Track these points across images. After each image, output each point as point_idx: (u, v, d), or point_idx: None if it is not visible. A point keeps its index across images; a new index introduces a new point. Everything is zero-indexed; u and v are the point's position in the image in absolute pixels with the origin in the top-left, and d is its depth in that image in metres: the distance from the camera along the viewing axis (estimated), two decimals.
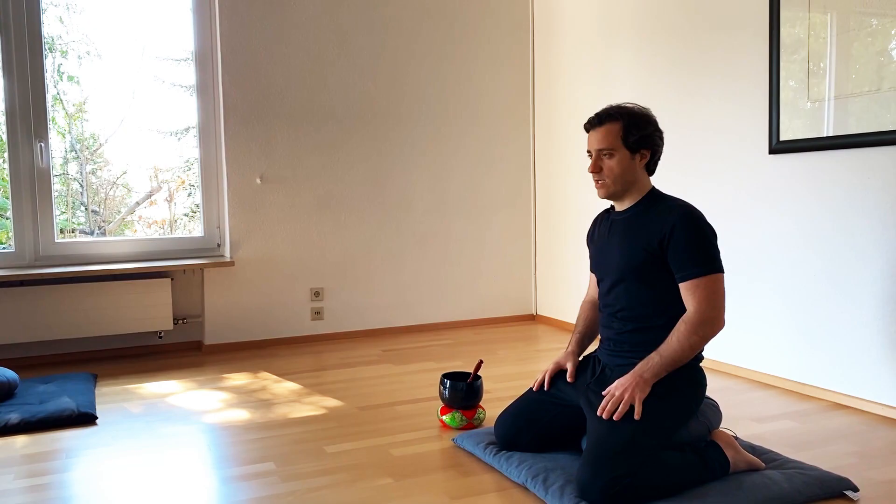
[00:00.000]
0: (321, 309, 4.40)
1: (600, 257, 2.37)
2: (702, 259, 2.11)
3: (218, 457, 2.46)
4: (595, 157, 2.24)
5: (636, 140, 2.20)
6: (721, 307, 2.11)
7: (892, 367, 2.75)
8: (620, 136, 2.20)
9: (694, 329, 2.09)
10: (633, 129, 2.20)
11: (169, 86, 4.34)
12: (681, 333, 2.10)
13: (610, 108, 2.25)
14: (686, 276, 2.12)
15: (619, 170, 2.21)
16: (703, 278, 2.10)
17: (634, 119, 2.21)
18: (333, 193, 4.41)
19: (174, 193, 4.54)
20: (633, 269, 2.21)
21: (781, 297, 3.18)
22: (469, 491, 2.13)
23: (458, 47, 4.67)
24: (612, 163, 2.21)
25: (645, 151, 2.23)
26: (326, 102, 4.36)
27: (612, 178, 2.22)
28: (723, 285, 2.12)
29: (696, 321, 2.09)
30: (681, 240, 2.12)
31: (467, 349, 4.08)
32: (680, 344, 2.10)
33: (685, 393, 2.15)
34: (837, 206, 2.93)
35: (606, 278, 2.33)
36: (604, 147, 2.21)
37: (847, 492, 2.05)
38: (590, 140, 2.26)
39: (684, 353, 2.10)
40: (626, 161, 2.21)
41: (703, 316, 2.09)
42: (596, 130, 2.24)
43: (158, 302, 3.98)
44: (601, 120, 2.23)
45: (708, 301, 2.09)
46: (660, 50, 3.79)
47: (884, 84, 2.73)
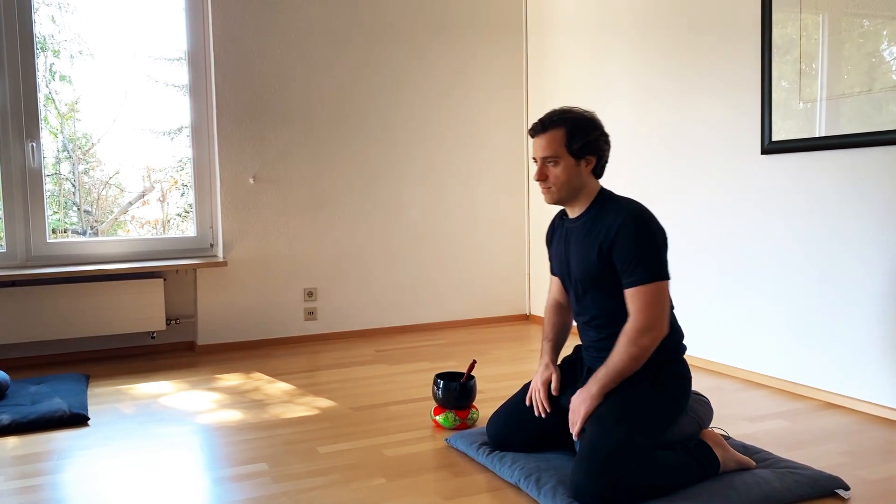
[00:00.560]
0: (314, 309, 4.40)
1: (562, 268, 2.34)
2: (643, 267, 2.07)
3: (210, 457, 2.45)
4: (540, 165, 2.20)
5: (580, 147, 2.16)
6: (659, 316, 2.07)
7: (884, 367, 2.76)
8: (564, 143, 2.16)
9: (632, 340, 2.07)
10: (577, 136, 2.15)
11: (162, 85, 4.33)
12: (621, 345, 2.08)
13: (553, 114, 2.20)
14: (628, 284, 2.09)
15: (564, 177, 2.17)
16: (644, 287, 2.06)
17: (578, 125, 2.17)
18: (327, 194, 4.40)
19: (167, 193, 4.52)
20: (593, 279, 2.18)
21: (773, 296, 3.19)
22: (462, 491, 2.13)
23: (452, 48, 4.67)
24: (557, 170, 2.17)
25: (590, 157, 2.19)
26: (320, 103, 4.36)
27: (558, 186, 2.19)
28: (665, 294, 2.08)
29: (633, 331, 2.07)
30: (623, 246, 2.08)
31: (461, 349, 4.08)
32: (621, 356, 2.08)
33: (672, 389, 2.15)
34: (829, 207, 2.94)
35: (571, 289, 2.31)
36: (548, 155, 2.17)
37: (838, 491, 2.06)
38: (534, 147, 2.22)
39: (627, 365, 2.08)
40: (571, 168, 2.17)
41: (639, 325, 2.06)
42: (540, 137, 2.20)
43: (151, 302, 3.97)
44: (544, 127, 2.19)
45: (645, 311, 2.06)
46: (653, 51, 3.80)
47: (875, 85, 2.74)
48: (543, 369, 2.36)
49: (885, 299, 2.75)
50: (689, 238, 3.61)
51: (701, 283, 3.56)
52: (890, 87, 2.69)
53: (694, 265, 3.59)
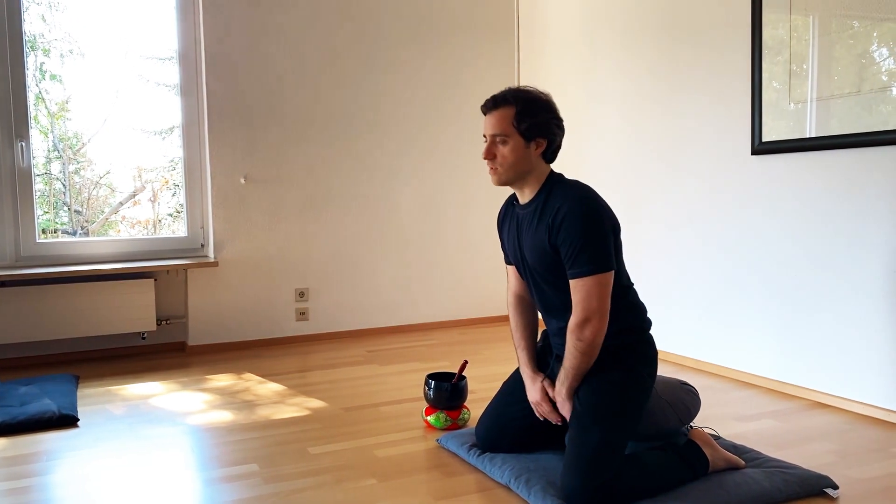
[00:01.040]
0: (306, 309, 4.39)
1: (515, 256, 2.28)
2: (584, 258, 2.01)
3: (201, 458, 2.45)
4: (489, 143, 2.13)
5: (528, 127, 2.08)
6: (598, 309, 2.01)
7: (873, 367, 2.78)
8: (513, 122, 2.09)
9: (575, 334, 2.05)
10: (527, 116, 2.08)
11: (153, 85, 4.32)
12: (569, 342, 2.07)
13: (507, 92, 2.13)
14: (571, 275, 2.04)
15: (512, 158, 2.10)
16: (585, 279, 2.02)
17: (529, 105, 2.10)
18: (318, 194, 4.40)
19: (158, 193, 4.51)
20: (546, 267, 2.13)
21: (764, 296, 3.21)
22: (453, 491, 2.13)
23: (444, 49, 4.67)
24: (505, 150, 2.10)
25: (541, 140, 2.12)
26: (311, 103, 4.35)
27: (505, 167, 2.12)
28: (606, 285, 2.02)
29: (574, 325, 2.04)
30: (567, 235, 2.03)
31: (452, 349, 4.08)
32: (571, 353, 2.06)
33: (640, 372, 2.13)
34: (820, 207, 2.96)
35: (527, 278, 2.26)
36: (496, 133, 2.10)
37: (827, 490, 2.07)
38: (485, 124, 2.15)
39: (580, 360, 2.05)
40: (520, 149, 2.10)
41: (578, 318, 2.03)
42: (491, 114, 2.13)
43: (141, 303, 3.95)
44: (496, 103, 2.12)
45: (583, 304, 2.02)
46: (644, 51, 3.80)
47: (864, 86, 2.75)
48: (531, 383, 2.27)
49: (874, 299, 2.76)
50: (679, 238, 3.62)
51: (691, 283, 3.57)
52: (879, 88, 2.71)
53: (684, 265, 3.60)
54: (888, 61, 2.69)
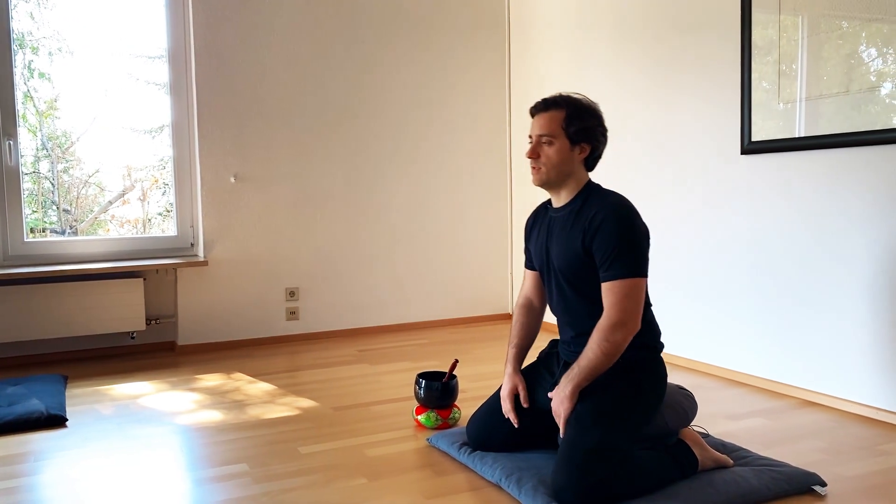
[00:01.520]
0: (296, 309, 4.38)
1: (541, 258, 2.32)
2: (621, 262, 2.06)
3: (190, 458, 2.44)
4: (535, 143, 2.20)
5: (577, 131, 2.15)
6: (633, 312, 2.05)
7: (861, 365, 2.79)
8: (562, 124, 2.16)
9: (605, 336, 2.05)
10: (576, 120, 2.16)
11: (142, 83, 4.29)
12: (594, 341, 2.07)
13: (557, 96, 2.21)
14: (606, 278, 2.08)
15: (556, 159, 2.16)
16: (621, 282, 2.05)
17: (579, 110, 2.17)
18: (309, 192, 4.39)
19: (147, 192, 4.49)
20: (575, 270, 2.17)
21: (754, 295, 3.22)
22: (443, 490, 2.13)
23: (435, 48, 4.67)
24: (550, 150, 2.17)
25: (585, 145, 2.18)
26: (301, 101, 4.34)
27: (549, 167, 2.18)
28: (641, 291, 2.07)
29: (607, 326, 2.06)
30: (603, 240, 2.07)
31: (443, 349, 4.08)
32: (594, 352, 2.07)
33: (648, 388, 2.15)
34: (808, 206, 2.97)
35: (551, 279, 2.29)
36: (544, 133, 2.17)
37: (815, 487, 2.08)
38: (532, 125, 2.22)
39: (600, 361, 2.06)
40: (564, 151, 2.16)
41: (612, 321, 2.05)
42: (539, 116, 2.20)
43: (131, 302, 3.93)
44: (546, 106, 2.20)
45: (620, 305, 2.05)
46: (634, 51, 3.81)
47: (853, 86, 2.77)
48: (507, 380, 2.34)
49: (862, 298, 2.78)
50: (670, 237, 3.63)
51: (681, 282, 3.58)
52: (868, 88, 2.72)
53: (674, 264, 3.61)
54: (877, 61, 2.70)
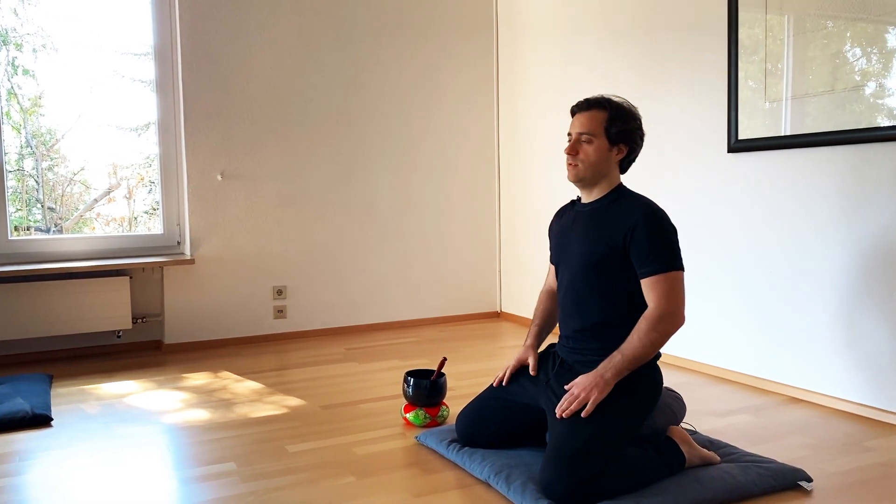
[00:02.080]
0: (284, 307, 4.37)
1: (561, 248, 2.37)
2: (664, 256, 2.12)
3: (177, 457, 2.42)
4: (574, 140, 2.25)
5: (618, 132, 2.22)
6: (679, 303, 2.12)
7: (846, 362, 2.82)
8: (604, 124, 2.22)
9: (653, 325, 2.10)
10: (618, 121, 2.22)
11: (128, 81, 4.26)
12: (641, 331, 2.11)
13: (600, 97, 2.26)
14: (648, 273, 2.13)
15: (594, 157, 2.22)
16: (664, 275, 2.12)
17: (621, 112, 2.23)
18: (296, 190, 4.37)
19: (133, 190, 4.46)
20: (594, 262, 2.22)
21: (740, 293, 3.24)
22: (432, 488, 2.13)
23: (422, 46, 4.66)
24: (589, 148, 2.22)
25: (623, 146, 2.25)
26: (289, 99, 4.32)
27: (586, 164, 2.23)
28: (682, 283, 2.14)
29: (655, 317, 2.11)
30: (643, 236, 2.13)
31: (432, 347, 4.08)
32: (640, 341, 2.11)
33: (643, 393, 2.17)
34: (794, 204, 2.99)
35: (566, 270, 2.33)
36: (585, 131, 2.23)
37: (801, 482, 2.10)
38: (573, 123, 2.28)
39: (645, 351, 2.11)
40: (603, 150, 2.22)
41: (661, 312, 2.11)
42: (581, 114, 2.26)
43: (117, 301, 3.91)
44: (589, 105, 2.26)
45: (667, 297, 2.11)
46: (622, 50, 3.83)
47: (838, 85, 2.79)
48: (523, 351, 2.43)
49: (846, 296, 2.80)
50: None
51: None
52: (853, 87, 2.74)
53: None
54: (861, 61, 2.72)
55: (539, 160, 4.52)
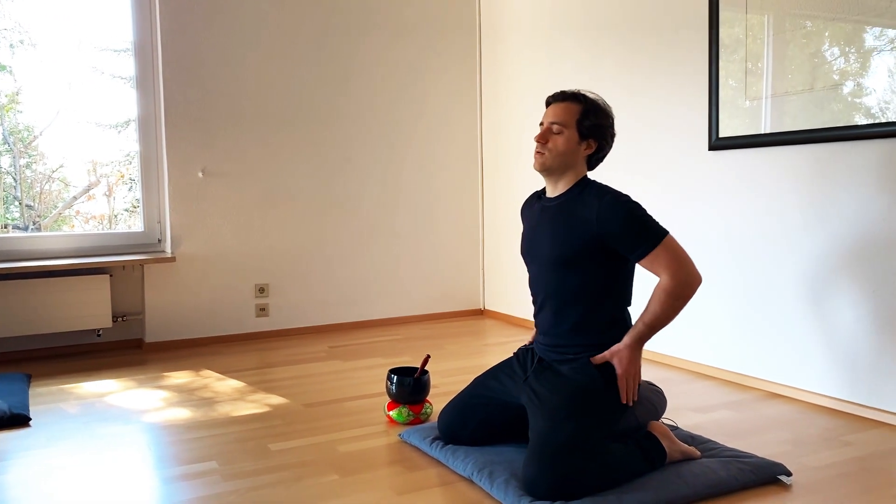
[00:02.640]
0: (266, 305, 4.35)
1: (530, 244, 2.37)
2: (647, 232, 2.13)
3: (158, 456, 2.41)
4: (545, 129, 2.26)
5: (590, 126, 2.23)
6: (689, 264, 2.12)
7: (824, 357, 2.85)
8: (576, 117, 2.23)
9: (675, 293, 2.10)
10: (591, 116, 2.23)
11: (108, 77, 4.22)
12: (662, 300, 2.11)
13: (576, 91, 2.28)
14: (643, 253, 2.13)
15: (563, 147, 2.22)
16: (659, 247, 2.12)
17: (595, 108, 2.25)
18: (278, 188, 4.35)
19: (113, 188, 4.42)
20: (565, 260, 2.21)
21: (721, 289, 3.27)
22: (415, 486, 2.13)
23: (406, 44, 4.65)
24: (559, 139, 2.23)
25: (593, 142, 2.25)
26: (271, 96, 4.30)
27: (554, 154, 2.23)
28: (678, 244, 2.14)
29: (674, 284, 2.10)
30: (621, 224, 2.13)
31: (415, 344, 4.08)
32: (664, 309, 2.11)
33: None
34: (774, 202, 3.02)
35: (534, 266, 2.34)
36: (557, 121, 2.23)
37: (781, 477, 2.12)
38: (546, 113, 2.28)
39: (668, 317, 2.12)
40: (572, 142, 2.23)
41: (677, 278, 2.10)
42: (556, 105, 2.27)
43: (97, 299, 3.87)
44: (564, 97, 2.27)
45: (675, 263, 2.11)
46: (604, 49, 3.84)
47: (817, 84, 2.82)
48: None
49: (825, 292, 2.83)
50: None
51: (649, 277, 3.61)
52: (831, 86, 2.77)
53: None
54: (839, 60, 2.75)
55: (522, 159, 4.53)
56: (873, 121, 2.64)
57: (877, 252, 2.65)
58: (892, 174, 2.59)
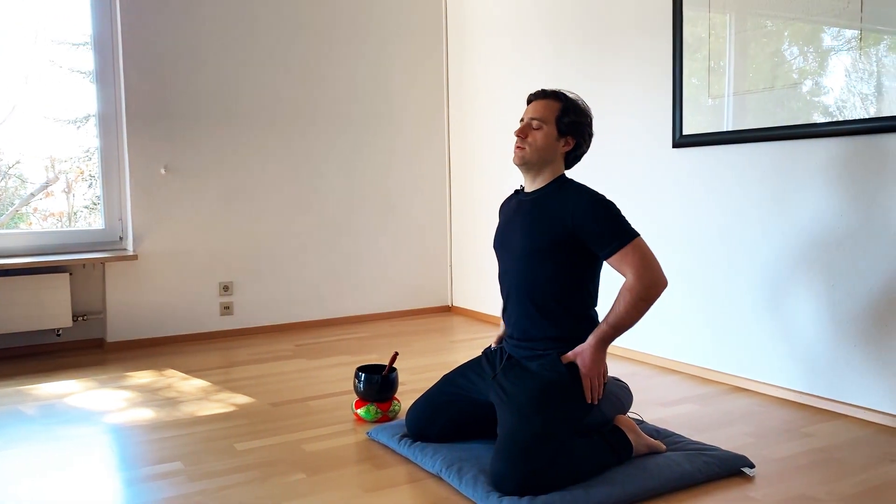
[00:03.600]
0: (231, 304, 4.29)
1: (503, 236, 2.40)
2: (619, 230, 2.16)
3: (122, 458, 2.36)
4: (525, 124, 2.30)
5: (568, 123, 2.27)
6: (656, 266, 2.15)
7: (785, 351, 2.91)
8: (556, 114, 2.27)
9: (639, 294, 2.12)
10: (570, 113, 2.28)
11: (66, 71, 4.13)
12: (627, 301, 2.13)
13: (557, 90, 2.33)
14: (612, 251, 2.16)
15: (542, 143, 2.26)
16: (628, 245, 2.15)
17: (574, 106, 2.30)
18: (243, 184, 4.30)
19: (73, 184, 4.32)
20: (537, 251, 2.24)
21: (686, 285, 3.31)
22: (383, 483, 2.13)
23: (372, 40, 4.63)
24: (538, 134, 2.27)
25: (571, 139, 2.29)
26: (235, 92, 4.24)
27: (533, 149, 2.27)
28: (647, 246, 2.18)
29: (639, 286, 2.12)
30: (594, 220, 2.17)
31: (383, 342, 4.07)
32: (627, 311, 2.13)
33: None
34: (736, 198, 3.07)
35: (506, 259, 2.36)
36: (537, 117, 2.27)
37: (744, 469, 2.16)
38: (527, 110, 2.33)
39: (632, 319, 2.14)
40: (551, 138, 2.27)
41: (643, 280, 2.13)
42: (537, 102, 2.31)
43: (56, 298, 3.78)
44: (545, 95, 2.32)
45: (642, 263, 2.13)
46: (571, 47, 3.86)
47: (777, 82, 2.87)
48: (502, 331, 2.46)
49: (785, 287, 2.89)
50: None
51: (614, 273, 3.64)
52: (790, 84, 2.82)
53: None
54: (798, 60, 2.81)
55: (489, 155, 4.54)
56: (831, 119, 2.70)
57: (835, 247, 2.71)
58: (849, 171, 2.65)
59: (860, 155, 2.62)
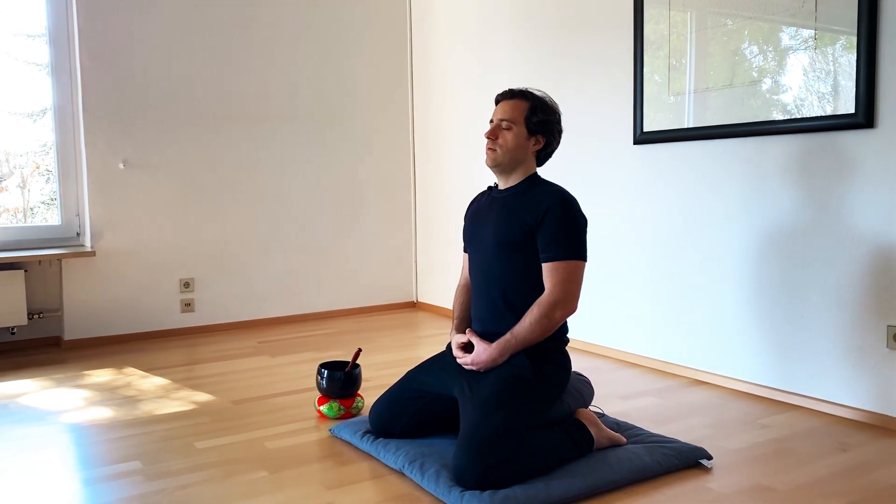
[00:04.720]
0: (192, 300, 4.24)
1: (475, 230, 2.42)
2: (568, 244, 2.19)
3: (80, 458, 2.32)
4: (495, 125, 2.32)
5: (537, 122, 2.29)
6: (574, 293, 2.19)
7: (743, 345, 2.96)
8: (525, 113, 2.29)
9: (545, 312, 2.17)
10: (539, 112, 2.30)
11: (21, 63, 4.02)
12: (533, 316, 2.18)
13: (524, 89, 2.34)
14: (549, 258, 2.20)
15: (512, 143, 2.28)
16: (564, 262, 2.18)
17: (542, 105, 2.32)
18: (204, 180, 4.24)
19: (28, 179, 4.22)
20: (507, 243, 2.26)
21: (646, 280, 3.35)
22: (346, 480, 2.12)
23: (336, 38, 4.60)
24: (508, 135, 2.29)
25: (541, 138, 2.32)
26: (195, 85, 4.18)
27: (504, 150, 2.29)
28: (581, 273, 2.21)
29: (548, 304, 2.17)
30: (552, 222, 2.19)
31: (347, 338, 4.05)
32: (531, 326, 2.17)
33: (553, 378, 2.22)
34: (696, 194, 3.11)
35: (477, 252, 2.38)
36: (506, 118, 2.29)
37: (702, 461, 2.19)
38: (496, 110, 2.34)
39: (535, 335, 2.18)
40: (521, 138, 2.29)
41: (555, 299, 2.17)
42: (505, 102, 2.33)
43: (10, 296, 3.70)
44: (513, 94, 2.33)
45: (562, 285, 2.17)
46: (534, 45, 3.88)
47: (736, 80, 2.92)
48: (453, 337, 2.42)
49: (744, 282, 2.94)
50: None
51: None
52: (750, 82, 2.87)
53: None
54: (758, 58, 2.85)
55: (453, 152, 4.54)
56: (789, 116, 2.75)
57: (792, 243, 2.77)
58: (807, 167, 2.71)
59: (818, 152, 2.67)
